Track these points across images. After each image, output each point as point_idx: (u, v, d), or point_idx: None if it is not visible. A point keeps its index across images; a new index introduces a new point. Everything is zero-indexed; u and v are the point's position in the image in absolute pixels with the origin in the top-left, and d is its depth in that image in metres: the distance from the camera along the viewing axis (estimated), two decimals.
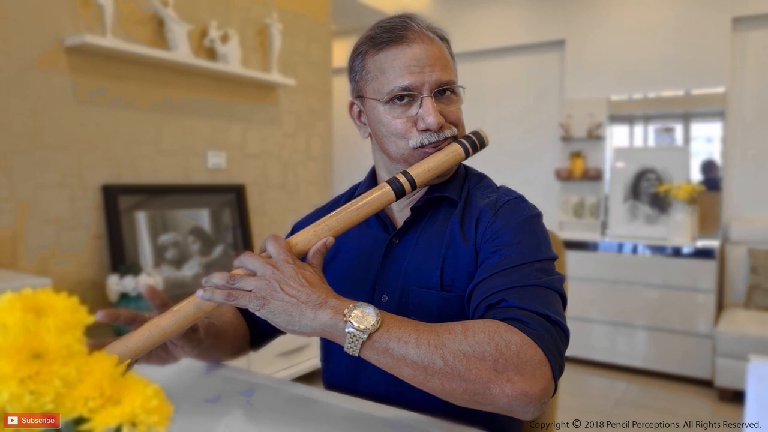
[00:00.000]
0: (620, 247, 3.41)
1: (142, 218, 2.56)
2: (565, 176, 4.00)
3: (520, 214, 0.89)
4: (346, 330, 0.69)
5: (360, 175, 1.10)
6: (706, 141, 3.72)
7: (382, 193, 0.84)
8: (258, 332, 1.05)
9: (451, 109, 0.91)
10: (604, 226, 3.84)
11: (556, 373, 0.70)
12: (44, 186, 2.26)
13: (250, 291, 0.72)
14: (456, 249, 0.89)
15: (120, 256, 2.42)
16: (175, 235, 2.69)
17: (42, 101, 2.25)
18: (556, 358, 0.71)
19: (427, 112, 0.87)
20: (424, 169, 0.87)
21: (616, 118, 3.95)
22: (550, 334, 0.72)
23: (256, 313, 0.72)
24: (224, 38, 2.90)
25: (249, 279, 0.73)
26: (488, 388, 0.67)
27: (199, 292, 0.73)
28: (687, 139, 3.72)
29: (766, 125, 3.51)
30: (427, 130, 0.88)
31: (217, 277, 0.73)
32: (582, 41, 4.00)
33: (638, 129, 3.94)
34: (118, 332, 1.76)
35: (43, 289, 0.44)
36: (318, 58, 3.56)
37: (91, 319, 0.44)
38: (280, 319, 0.71)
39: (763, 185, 3.52)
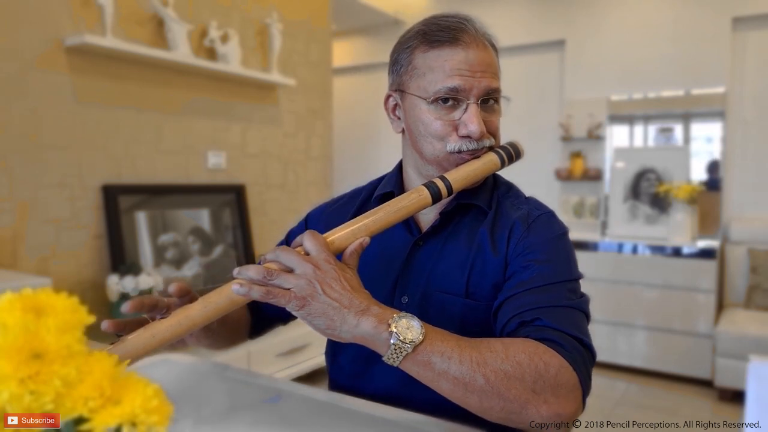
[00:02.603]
0: (620, 247, 3.41)
1: (142, 218, 2.56)
2: (565, 176, 4.00)
3: (552, 230, 0.89)
4: (391, 342, 0.67)
5: (360, 175, 1.09)
6: (706, 141, 3.72)
7: (420, 197, 0.83)
8: (260, 321, 1.03)
9: (492, 119, 0.91)
10: (604, 226, 3.84)
11: (586, 395, 0.73)
12: (44, 186, 2.26)
13: (289, 290, 0.69)
14: (484, 258, 0.88)
15: (120, 256, 2.42)
16: (175, 235, 2.69)
17: (42, 101, 2.25)
18: (587, 381, 0.73)
19: (471, 119, 0.86)
20: (461, 176, 0.86)
21: (616, 118, 3.95)
22: (582, 357, 0.74)
23: (294, 314, 0.70)
24: (224, 38, 2.90)
25: (288, 276, 0.70)
26: (525, 408, 0.68)
27: (235, 287, 0.70)
28: (687, 139, 3.72)
29: (766, 125, 3.51)
30: (467, 136, 0.87)
31: (253, 271, 0.70)
32: (582, 41, 4.00)
33: (638, 129, 3.94)
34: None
35: (43, 289, 0.44)
36: (318, 58, 3.56)
37: (91, 319, 0.44)
38: (319, 322, 0.69)
39: (763, 185, 3.52)
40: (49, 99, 2.27)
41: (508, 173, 1.08)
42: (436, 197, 0.83)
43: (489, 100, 0.89)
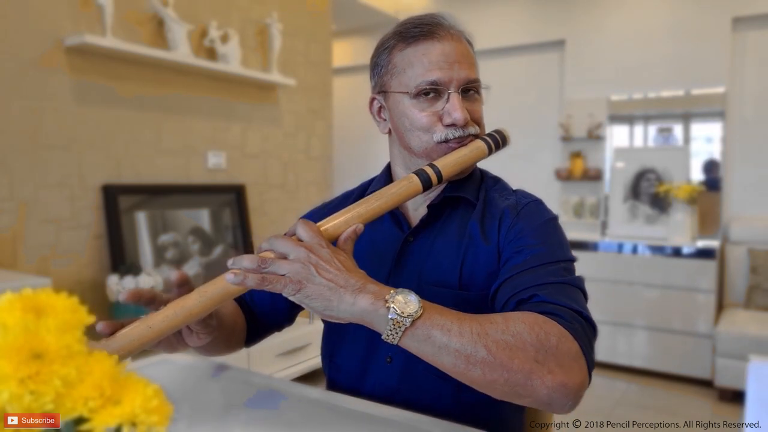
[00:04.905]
0: (620, 247, 3.41)
1: (142, 218, 2.56)
2: (565, 176, 4.00)
3: (540, 216, 0.90)
4: (389, 316, 0.67)
5: (360, 175, 1.10)
6: (706, 141, 3.72)
7: (410, 183, 0.83)
8: (255, 328, 1.03)
9: (474, 107, 0.93)
10: (604, 226, 3.84)
11: (590, 367, 0.72)
12: (44, 186, 2.26)
13: (284, 275, 0.69)
14: (476, 249, 0.89)
15: (120, 256, 2.42)
16: (175, 235, 2.69)
17: (42, 101, 2.25)
18: (590, 353, 0.72)
19: (454, 107, 0.89)
20: (450, 162, 0.87)
21: (616, 118, 3.95)
22: (583, 328, 0.73)
23: (291, 298, 0.70)
24: (224, 38, 2.90)
25: (282, 262, 0.70)
26: (530, 378, 0.66)
27: (229, 276, 0.69)
28: (687, 139, 3.72)
29: (766, 125, 3.51)
30: (452, 125, 0.89)
31: (247, 260, 0.70)
32: (582, 41, 4.00)
33: (638, 129, 3.94)
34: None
35: (43, 289, 0.44)
36: (318, 58, 3.56)
37: (91, 319, 0.44)
38: (317, 303, 0.69)
39: (763, 185, 3.52)
40: (49, 99, 2.27)
41: (508, 172, 1.09)
42: (426, 184, 0.84)
43: (469, 89, 0.92)
